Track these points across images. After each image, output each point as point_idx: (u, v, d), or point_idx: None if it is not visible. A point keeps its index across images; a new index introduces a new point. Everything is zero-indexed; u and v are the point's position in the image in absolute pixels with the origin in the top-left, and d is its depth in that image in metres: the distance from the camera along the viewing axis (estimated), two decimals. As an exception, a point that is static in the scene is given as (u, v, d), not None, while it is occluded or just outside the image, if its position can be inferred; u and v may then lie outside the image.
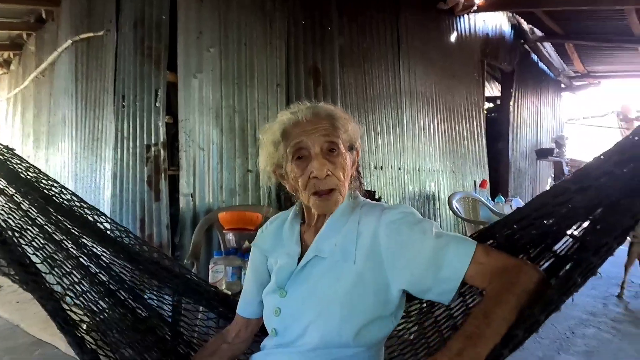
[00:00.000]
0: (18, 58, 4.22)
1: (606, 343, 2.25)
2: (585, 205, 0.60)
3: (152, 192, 2.31)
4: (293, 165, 0.76)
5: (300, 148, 0.75)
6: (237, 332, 0.89)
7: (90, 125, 2.59)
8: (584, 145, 8.43)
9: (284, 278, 0.78)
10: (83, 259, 0.97)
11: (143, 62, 2.32)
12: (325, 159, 0.74)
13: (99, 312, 0.84)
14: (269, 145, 0.80)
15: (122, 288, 1.00)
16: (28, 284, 0.73)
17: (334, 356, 0.70)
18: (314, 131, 0.74)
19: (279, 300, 0.77)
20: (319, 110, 0.77)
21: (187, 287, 1.08)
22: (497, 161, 5.38)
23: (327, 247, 0.75)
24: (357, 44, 3.51)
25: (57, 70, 3.14)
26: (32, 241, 0.90)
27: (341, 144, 0.76)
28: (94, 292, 0.89)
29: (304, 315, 0.73)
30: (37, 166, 1.15)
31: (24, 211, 0.98)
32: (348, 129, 0.79)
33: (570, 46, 5.55)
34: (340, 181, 0.75)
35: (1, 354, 2.09)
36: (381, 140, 3.68)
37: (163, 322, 1.01)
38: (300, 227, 0.84)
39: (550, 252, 0.65)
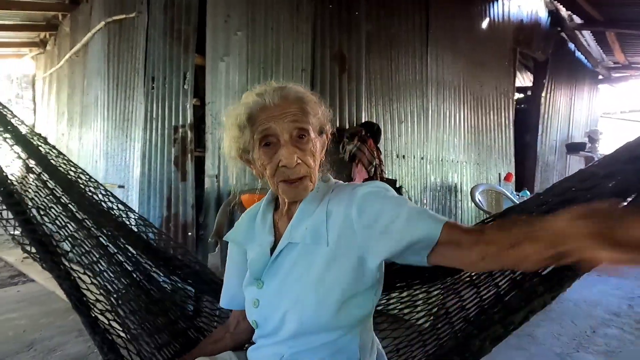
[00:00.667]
0: (54, 38, 4.37)
1: (628, 344, 2.19)
2: (612, 191, 0.57)
3: (179, 173, 2.38)
4: (260, 152, 0.72)
5: (268, 135, 0.70)
6: (236, 323, 0.88)
7: (121, 105, 2.68)
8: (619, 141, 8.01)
9: (259, 269, 0.75)
10: (103, 239, 0.99)
11: (172, 44, 2.36)
12: (295, 146, 0.70)
13: (114, 292, 0.85)
14: (233, 128, 0.75)
15: (138, 269, 1.01)
16: (47, 262, 0.76)
17: (315, 342, 0.69)
18: (282, 117, 0.70)
19: (257, 292, 0.75)
20: (288, 92, 0.72)
21: (197, 277, 1.08)
22: (524, 154, 5.21)
23: (299, 233, 0.72)
24: (385, 29, 3.44)
25: (91, 51, 3.24)
26: (55, 219, 0.92)
27: (311, 130, 0.72)
28: (110, 271, 0.90)
29: (281, 304, 0.71)
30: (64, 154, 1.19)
31: (50, 189, 1.00)
32: (318, 113, 0.75)
33: (612, 35, 5.23)
34: (311, 168, 0.72)
35: (38, 317, 2.26)
36: (405, 129, 3.63)
37: (175, 306, 1.02)
38: (274, 215, 0.81)
39: None
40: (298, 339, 0.70)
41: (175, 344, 0.90)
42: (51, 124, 4.44)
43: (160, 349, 0.83)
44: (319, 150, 0.74)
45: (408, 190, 3.58)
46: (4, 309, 2.37)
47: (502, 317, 0.59)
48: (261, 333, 0.75)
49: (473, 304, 0.78)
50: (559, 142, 5.80)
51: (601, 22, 4.84)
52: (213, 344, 0.87)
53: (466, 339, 0.63)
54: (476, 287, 0.78)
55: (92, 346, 1.91)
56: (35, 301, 2.51)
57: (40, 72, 4.99)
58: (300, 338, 0.69)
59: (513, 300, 0.63)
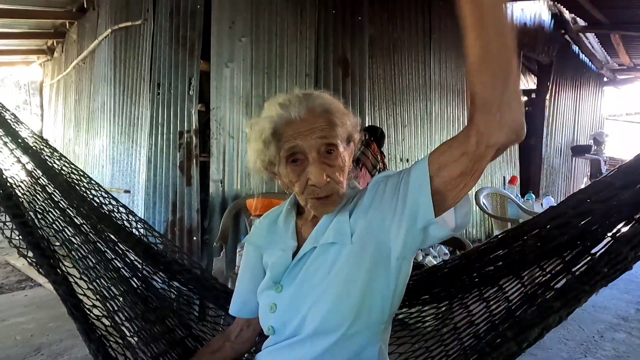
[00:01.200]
0: (61, 46, 4.44)
1: (636, 349, 2.16)
2: (629, 202, 0.55)
3: (184, 177, 2.40)
4: (288, 169, 0.70)
5: (295, 152, 0.69)
6: (239, 332, 0.86)
7: (127, 111, 2.71)
8: (625, 143, 7.95)
9: (279, 273, 0.74)
10: (100, 244, 0.98)
11: (178, 50, 2.39)
12: (324, 162, 0.68)
13: (110, 298, 0.84)
14: (258, 142, 0.72)
15: (136, 276, 1.00)
16: (43, 267, 0.75)
17: (335, 344, 0.67)
18: (309, 132, 0.67)
19: (275, 296, 0.73)
20: (314, 105, 0.69)
21: (197, 282, 1.07)
22: (529, 157, 5.18)
23: (324, 236, 0.71)
24: (388, 33, 3.46)
25: (97, 58, 3.29)
26: (53, 223, 0.91)
27: (339, 143, 0.70)
28: (107, 277, 0.89)
29: (301, 307, 0.69)
30: (67, 157, 1.19)
31: (48, 194, 1.00)
32: (346, 123, 0.72)
33: (616, 37, 5.20)
34: (339, 183, 0.70)
35: (46, 321, 2.27)
36: (408, 132, 3.63)
37: (173, 313, 1.00)
38: (297, 221, 0.79)
39: (589, 254, 0.59)
40: (317, 339, 0.67)
41: (172, 354, 0.88)
42: (58, 130, 4.50)
43: (156, 358, 0.82)
44: (348, 161, 0.73)
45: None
46: (11, 313, 2.39)
47: (516, 334, 0.57)
48: (277, 339, 0.73)
49: (483, 319, 0.76)
50: (564, 144, 5.76)
51: (605, 24, 4.82)
52: (211, 354, 0.84)
53: (478, 357, 0.61)
54: (485, 302, 0.76)
55: (98, 350, 1.92)
56: (43, 305, 2.54)
57: (47, 79, 5.06)
58: (320, 337, 0.67)
59: (527, 317, 0.62)
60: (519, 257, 0.72)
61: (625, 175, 0.58)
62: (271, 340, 0.75)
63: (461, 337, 0.80)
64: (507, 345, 0.57)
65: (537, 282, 0.66)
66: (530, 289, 0.68)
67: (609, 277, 0.53)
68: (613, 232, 0.56)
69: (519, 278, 0.72)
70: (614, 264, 0.53)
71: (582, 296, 0.53)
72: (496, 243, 0.77)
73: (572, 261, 0.61)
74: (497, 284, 0.77)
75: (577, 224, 0.62)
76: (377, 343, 0.70)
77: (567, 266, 0.62)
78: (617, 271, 0.53)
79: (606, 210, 0.58)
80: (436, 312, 0.88)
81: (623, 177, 0.58)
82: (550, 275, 0.63)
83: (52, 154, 1.16)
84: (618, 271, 0.53)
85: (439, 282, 0.88)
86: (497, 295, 0.76)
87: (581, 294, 0.53)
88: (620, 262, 0.53)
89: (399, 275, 0.68)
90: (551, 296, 0.58)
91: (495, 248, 0.76)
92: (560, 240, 0.64)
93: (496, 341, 0.60)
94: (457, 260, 0.86)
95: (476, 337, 0.76)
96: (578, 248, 0.61)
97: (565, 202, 0.69)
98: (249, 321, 0.85)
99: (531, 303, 0.65)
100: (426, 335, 0.88)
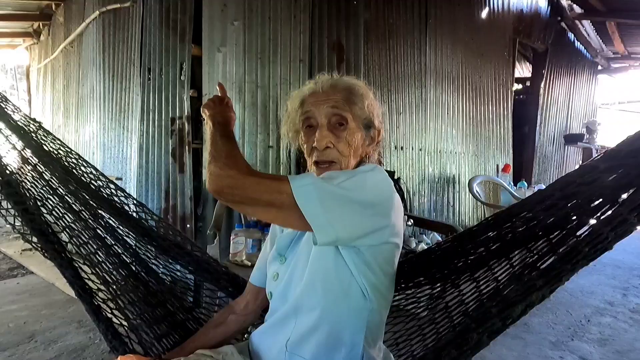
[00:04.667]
0: (47, 28, 4.30)
1: (622, 332, 2.22)
2: (612, 185, 0.56)
3: (177, 164, 2.37)
4: (302, 132, 0.78)
5: (309, 117, 0.76)
6: (246, 303, 0.89)
7: (117, 97, 2.66)
8: (617, 132, 8.03)
9: (284, 246, 0.79)
10: (100, 230, 1.00)
11: (168, 34, 2.33)
12: (330, 131, 0.74)
13: (113, 283, 0.86)
14: (292, 111, 0.81)
15: (137, 261, 1.02)
16: (48, 251, 0.77)
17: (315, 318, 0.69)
18: (324, 102, 0.75)
19: (279, 266, 0.79)
20: (339, 82, 0.77)
21: (198, 265, 1.09)
22: (522, 145, 5.21)
23: None
24: (383, 19, 3.40)
25: (85, 42, 3.20)
26: (52, 210, 0.92)
27: (351, 119, 0.74)
28: (109, 263, 0.91)
29: (292, 278, 0.74)
30: (62, 140, 1.17)
31: (45, 181, 1.00)
32: (365, 105, 0.76)
33: (612, 25, 5.19)
34: (344, 156, 0.74)
35: (39, 308, 2.27)
36: (403, 120, 3.61)
37: (174, 297, 1.02)
38: None
39: (575, 236, 0.61)
40: (300, 316, 0.71)
41: (175, 335, 0.90)
42: (47, 116, 4.40)
43: (159, 339, 0.84)
44: (359, 142, 0.76)
45: (406, 182, 3.59)
46: (3, 301, 2.38)
47: (500, 311, 0.59)
48: (272, 306, 0.78)
49: (472, 298, 0.78)
50: (557, 133, 5.79)
51: (602, 11, 4.79)
52: (214, 328, 0.87)
53: (464, 332, 0.63)
54: (475, 282, 0.77)
55: (92, 337, 1.92)
56: (36, 293, 2.52)
57: (34, 63, 4.93)
58: (302, 314, 0.70)
59: (511, 294, 0.64)
60: (508, 239, 0.73)
61: (610, 159, 0.59)
62: (267, 313, 0.79)
63: (451, 315, 0.83)
64: (492, 321, 0.58)
65: (525, 263, 0.68)
66: (518, 270, 0.70)
67: (589, 256, 0.54)
68: (597, 215, 0.57)
69: (507, 259, 0.74)
70: (595, 244, 0.54)
71: (564, 275, 0.54)
72: (486, 225, 0.79)
73: (559, 243, 0.63)
74: (487, 265, 0.79)
75: (564, 206, 0.63)
76: (362, 330, 0.71)
77: (553, 247, 0.63)
78: (597, 251, 0.54)
79: (590, 193, 0.59)
80: (431, 292, 0.90)
81: (607, 161, 0.59)
82: (538, 256, 0.65)
83: (46, 137, 1.14)
84: (598, 251, 0.54)
85: (433, 264, 0.89)
86: (486, 275, 0.78)
87: (563, 272, 0.54)
88: (601, 242, 0.54)
89: (358, 259, 0.69)
90: (534, 274, 0.59)
91: (486, 230, 0.79)
92: (547, 222, 0.66)
93: (481, 317, 0.61)
94: (449, 243, 0.88)
95: (465, 315, 0.78)
96: (565, 230, 0.63)
97: (552, 185, 0.70)
98: (258, 292, 0.88)
99: (517, 282, 0.67)
100: (419, 314, 0.91)
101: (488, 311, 0.65)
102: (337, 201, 0.64)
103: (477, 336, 0.58)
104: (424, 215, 3.74)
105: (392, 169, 3.40)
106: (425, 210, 3.81)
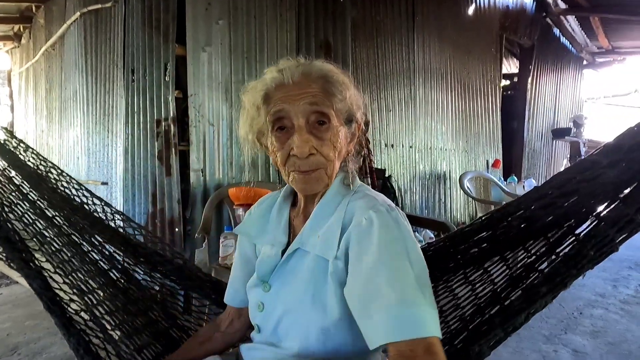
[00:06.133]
0: (28, 31, 4.20)
1: (613, 324, 2.24)
2: (614, 181, 0.53)
3: (163, 167, 2.32)
4: (272, 137, 0.63)
5: (281, 117, 0.61)
6: (230, 322, 0.82)
7: (101, 100, 2.59)
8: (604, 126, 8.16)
9: (267, 271, 0.69)
10: (75, 237, 0.94)
11: (152, 34, 2.28)
12: (311, 133, 0.61)
13: (89, 292, 0.81)
14: (251, 108, 0.66)
15: (115, 268, 0.97)
16: (14, 261, 0.71)
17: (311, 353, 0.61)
18: (299, 97, 0.60)
19: (263, 295, 0.69)
20: (311, 69, 0.62)
21: (180, 272, 1.04)
22: (511, 140, 5.25)
23: (311, 240, 0.65)
24: (370, 16, 3.39)
25: (67, 44, 3.12)
26: (22, 216, 0.87)
27: (333, 115, 0.62)
28: (84, 270, 0.85)
29: (285, 315, 0.65)
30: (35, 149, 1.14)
31: (16, 185, 0.95)
32: (346, 97, 0.64)
33: (596, 20, 5.26)
34: (329, 160, 0.62)
35: (23, 319, 2.20)
36: (393, 117, 3.60)
37: (156, 304, 0.97)
38: (291, 212, 0.73)
39: (573, 235, 0.58)
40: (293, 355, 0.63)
41: (157, 345, 0.86)
42: (30, 121, 4.30)
43: (140, 350, 0.79)
44: (343, 141, 0.64)
45: (397, 180, 3.58)
46: (-14, 313, 2.31)
47: (503, 321, 0.56)
48: (261, 339, 0.69)
49: (468, 302, 0.75)
50: (545, 127, 5.86)
51: (585, 7, 4.85)
52: (200, 345, 0.81)
53: (465, 344, 0.60)
54: (471, 285, 0.74)
55: (79, 347, 1.87)
56: (20, 303, 2.45)
57: (16, 67, 4.81)
58: (295, 355, 0.63)
59: (515, 302, 0.60)
60: (503, 239, 0.70)
61: (612, 153, 0.55)
62: (257, 337, 0.72)
63: (447, 320, 0.79)
64: (495, 332, 0.55)
65: (522, 264, 0.65)
66: (515, 271, 0.67)
67: (595, 259, 0.52)
68: (597, 212, 0.54)
69: (504, 260, 0.71)
70: (601, 247, 0.52)
71: (569, 280, 0.52)
72: (480, 225, 0.75)
73: (557, 242, 0.60)
74: (482, 267, 0.76)
75: (562, 204, 0.60)
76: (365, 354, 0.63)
77: (551, 247, 0.60)
78: (603, 254, 0.52)
79: (591, 190, 0.56)
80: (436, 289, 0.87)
81: (610, 155, 0.56)
82: (535, 256, 0.62)
83: (18, 145, 1.10)
84: (604, 254, 0.52)
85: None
86: (482, 277, 0.75)
87: (567, 277, 0.52)
88: (606, 244, 0.52)
89: None
90: (538, 281, 0.56)
91: (480, 230, 0.75)
92: (545, 220, 0.62)
93: (483, 328, 0.58)
94: (441, 243, 0.85)
95: (462, 321, 0.75)
96: (563, 229, 0.60)
97: (549, 182, 0.67)
98: (240, 311, 0.82)
99: (516, 285, 0.64)
100: None
101: (491, 321, 0.62)
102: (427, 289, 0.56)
103: (479, 348, 0.55)
104: (415, 212, 3.74)
105: (383, 167, 3.38)
106: (417, 208, 3.81)
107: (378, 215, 0.59)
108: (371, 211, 0.60)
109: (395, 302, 0.52)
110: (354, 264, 0.58)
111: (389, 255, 0.55)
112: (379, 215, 0.59)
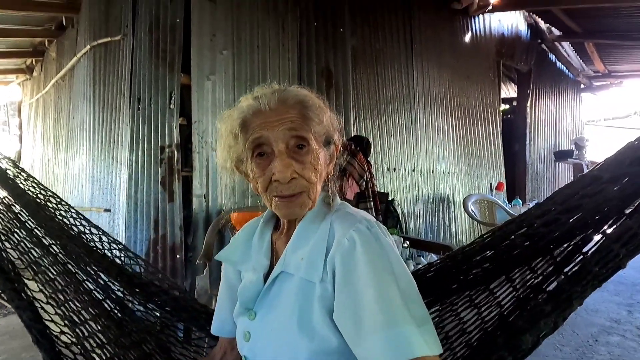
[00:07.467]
0: (40, 64, 4.36)
1: (631, 352, 2.14)
2: (618, 196, 0.51)
3: (166, 193, 2.33)
4: (253, 163, 0.63)
5: (261, 144, 0.62)
6: (223, 354, 0.79)
7: (107, 128, 2.65)
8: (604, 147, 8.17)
9: (250, 298, 0.66)
10: (70, 265, 0.92)
11: (158, 65, 2.36)
12: (292, 158, 0.61)
13: (81, 323, 0.78)
14: (228, 136, 0.66)
15: (109, 298, 0.94)
16: (6, 292, 0.69)
17: None
18: (278, 123, 0.61)
19: (249, 324, 0.66)
20: (287, 96, 0.64)
21: (175, 303, 1.00)
22: (513, 163, 5.26)
23: (293, 262, 0.63)
24: (370, 45, 3.50)
25: (76, 75, 3.23)
26: (18, 245, 0.86)
27: (312, 139, 0.62)
28: (77, 301, 0.83)
29: (272, 344, 0.62)
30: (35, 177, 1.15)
31: (14, 213, 0.94)
32: (323, 120, 0.65)
33: (590, 45, 5.39)
34: (311, 183, 0.62)
35: (19, 351, 2.14)
36: (394, 142, 3.64)
37: (150, 337, 0.93)
38: (273, 235, 0.72)
39: (581, 253, 0.55)
40: None
41: (150, 380, 0.82)
42: (37, 150, 4.37)
43: (131, 385, 0.76)
44: (323, 163, 0.65)
45: (400, 203, 3.56)
46: (-18, 344, 2.25)
47: (507, 340, 0.54)
48: None
49: (475, 327, 0.71)
50: (547, 150, 5.87)
51: (579, 33, 4.99)
52: None
53: None
54: (477, 308, 0.71)
55: (74, 380, 1.80)
56: (17, 334, 2.39)
57: (26, 98, 4.95)
58: None
59: (518, 322, 0.58)
60: (506, 258, 0.68)
61: (613, 168, 0.55)
62: None
63: (453, 347, 0.75)
64: (499, 354, 0.52)
65: (529, 285, 0.63)
66: (522, 293, 0.65)
67: (600, 276, 0.50)
68: (604, 229, 0.53)
69: (509, 281, 0.69)
70: (605, 263, 0.50)
71: (575, 298, 0.49)
72: (482, 244, 0.73)
73: (564, 261, 0.58)
74: (487, 288, 0.73)
75: (566, 221, 0.58)
76: None
77: (558, 267, 0.58)
78: (608, 270, 0.50)
79: (595, 205, 0.55)
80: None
81: (610, 170, 0.55)
82: (542, 277, 0.60)
83: (19, 174, 1.11)
84: (610, 270, 0.50)
85: (425, 286, 0.83)
86: (488, 300, 0.72)
87: (573, 295, 0.49)
88: (611, 260, 0.49)
89: None
90: (542, 299, 0.54)
91: (482, 249, 0.72)
92: (550, 238, 0.60)
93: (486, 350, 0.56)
94: (442, 263, 0.82)
95: (469, 347, 0.71)
96: (569, 247, 0.58)
97: (551, 198, 0.65)
98: (232, 342, 0.78)
99: (523, 308, 0.61)
100: None
101: (494, 341, 0.59)
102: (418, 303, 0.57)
103: None
104: (420, 236, 3.69)
105: (386, 191, 3.37)
106: (421, 232, 3.76)
107: (359, 234, 0.59)
108: (352, 230, 0.60)
109: (381, 324, 0.52)
110: (340, 288, 0.58)
111: (373, 273, 0.55)
112: (360, 235, 0.59)
